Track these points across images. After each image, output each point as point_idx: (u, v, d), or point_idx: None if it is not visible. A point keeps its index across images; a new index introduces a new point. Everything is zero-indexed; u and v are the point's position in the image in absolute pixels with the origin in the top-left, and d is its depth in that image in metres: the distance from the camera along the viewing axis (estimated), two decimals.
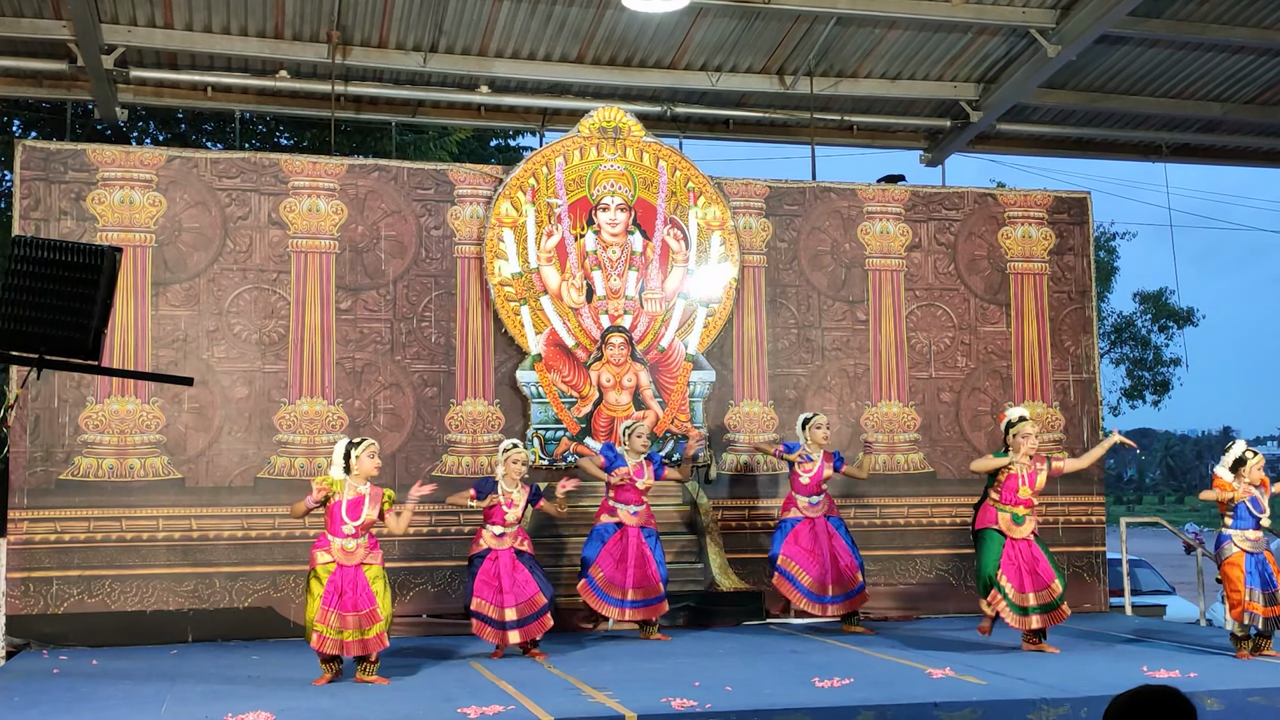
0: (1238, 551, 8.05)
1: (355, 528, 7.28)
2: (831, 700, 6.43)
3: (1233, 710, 6.60)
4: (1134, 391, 29.83)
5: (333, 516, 7.30)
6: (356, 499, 7.33)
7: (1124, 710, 2.98)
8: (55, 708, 6.63)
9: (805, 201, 10.96)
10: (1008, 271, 11.26)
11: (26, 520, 9.17)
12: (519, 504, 8.32)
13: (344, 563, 7.24)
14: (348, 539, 7.27)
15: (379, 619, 7.23)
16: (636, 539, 8.97)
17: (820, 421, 9.51)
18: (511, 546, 8.28)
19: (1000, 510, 8.33)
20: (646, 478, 9.10)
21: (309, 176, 9.99)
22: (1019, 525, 8.30)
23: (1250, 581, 7.95)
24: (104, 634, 9.05)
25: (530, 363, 10.13)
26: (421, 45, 10.82)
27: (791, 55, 11.23)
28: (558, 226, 10.31)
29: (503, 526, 8.27)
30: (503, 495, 8.28)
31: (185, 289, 9.66)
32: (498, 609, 8.14)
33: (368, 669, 7.26)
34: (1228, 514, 8.15)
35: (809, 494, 9.44)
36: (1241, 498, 8.10)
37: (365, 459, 7.39)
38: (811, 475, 9.42)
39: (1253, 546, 8.06)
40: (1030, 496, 8.33)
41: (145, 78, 11.01)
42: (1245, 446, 8.31)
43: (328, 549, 7.27)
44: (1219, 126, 13.01)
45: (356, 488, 7.36)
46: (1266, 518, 8.15)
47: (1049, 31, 10.61)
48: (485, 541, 8.28)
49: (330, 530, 7.30)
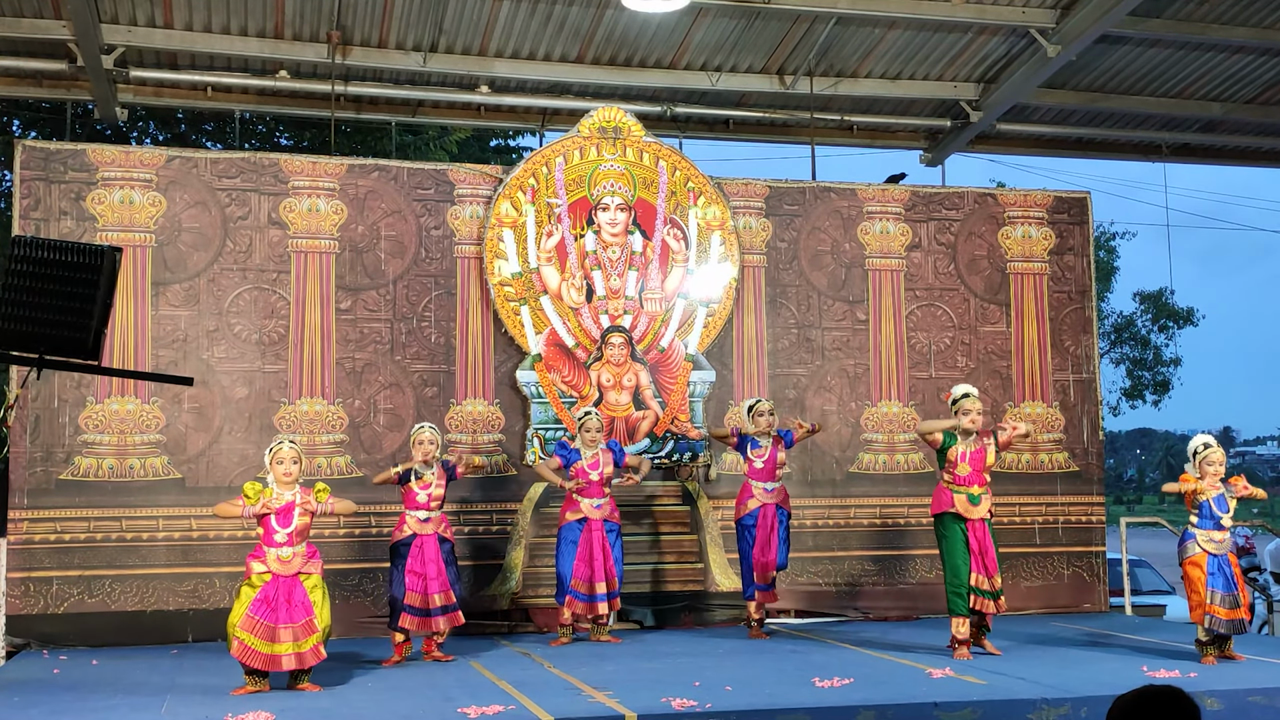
0: (1200, 552, 7.87)
1: (288, 534, 7.04)
2: (831, 700, 6.43)
3: (1233, 710, 6.60)
4: (1134, 391, 29.84)
5: (265, 526, 7.08)
6: (286, 506, 7.10)
7: (1128, 710, 2.98)
8: (55, 708, 6.63)
9: (805, 201, 10.96)
10: (1008, 271, 11.26)
11: (26, 520, 9.17)
12: (433, 484, 8.13)
13: (280, 573, 6.99)
14: (283, 548, 7.03)
15: (315, 630, 7.00)
16: (600, 534, 8.80)
17: (762, 408, 9.23)
18: (435, 533, 8.11)
19: (955, 491, 8.19)
20: (603, 466, 8.87)
21: (309, 176, 9.99)
22: (975, 505, 8.15)
23: (1212, 583, 7.78)
24: (104, 634, 9.06)
25: (530, 363, 10.13)
26: (421, 45, 10.82)
27: (791, 55, 11.23)
28: (558, 226, 10.31)
29: (426, 511, 8.10)
30: (415, 479, 8.11)
31: (185, 289, 9.66)
32: (423, 596, 8.01)
33: (300, 677, 7.03)
34: (1193, 511, 7.95)
35: (763, 480, 9.19)
36: (1206, 494, 7.90)
37: (275, 466, 7.16)
38: (765, 460, 9.19)
39: (1216, 547, 7.87)
40: (978, 474, 8.17)
41: (145, 78, 11.01)
42: (1203, 440, 8.11)
43: (263, 559, 7.03)
44: (1219, 126, 13.01)
45: (283, 495, 7.13)
46: (1229, 518, 7.94)
47: (1049, 31, 10.61)
48: (409, 527, 8.12)
49: (265, 541, 7.06)
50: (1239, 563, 8.13)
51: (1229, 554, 7.96)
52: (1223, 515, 7.91)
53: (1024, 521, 10.89)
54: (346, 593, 9.53)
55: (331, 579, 9.50)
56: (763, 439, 9.22)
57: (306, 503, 7.17)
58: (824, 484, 10.62)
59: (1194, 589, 7.88)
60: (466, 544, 9.88)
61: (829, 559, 10.55)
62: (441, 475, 8.26)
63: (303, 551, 7.11)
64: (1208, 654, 7.87)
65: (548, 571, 9.89)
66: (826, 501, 10.62)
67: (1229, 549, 7.98)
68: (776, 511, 9.17)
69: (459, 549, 9.74)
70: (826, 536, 10.58)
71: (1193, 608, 7.92)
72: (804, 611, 10.37)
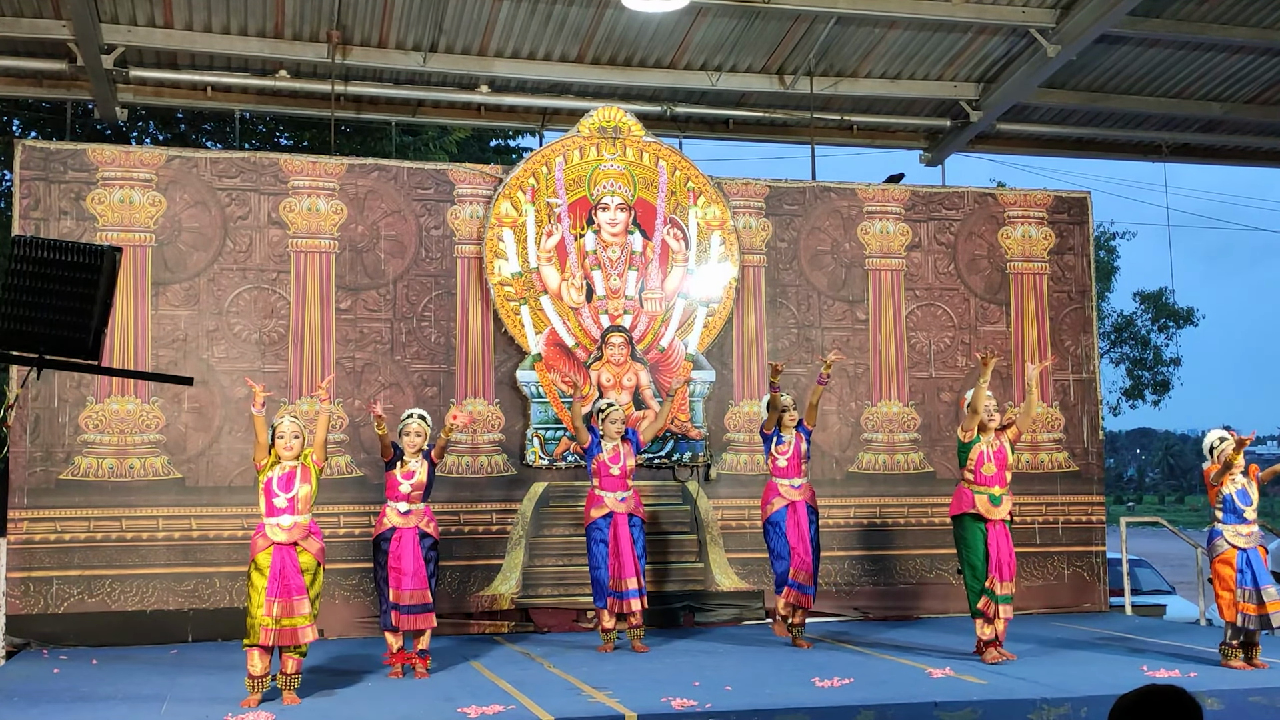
0: (1230, 548, 7.75)
1: (289, 500, 7.00)
2: (831, 700, 6.44)
3: (1233, 710, 6.61)
4: (1134, 391, 29.84)
5: (267, 494, 7.04)
6: (287, 474, 7.09)
7: (1130, 709, 2.98)
8: (55, 708, 6.63)
9: (805, 201, 10.96)
10: (1008, 271, 11.26)
11: (26, 520, 9.17)
12: (416, 471, 7.94)
13: (281, 541, 6.95)
14: (283, 515, 6.99)
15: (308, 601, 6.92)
16: (625, 529, 8.62)
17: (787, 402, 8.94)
18: (416, 526, 7.86)
19: (977, 492, 8.09)
20: (624, 458, 8.73)
21: (309, 176, 9.99)
22: (996, 506, 8.05)
23: (1242, 580, 7.64)
24: (104, 634, 9.06)
25: (530, 362, 10.13)
26: (421, 45, 10.81)
27: (791, 55, 11.23)
28: (557, 226, 10.31)
29: (407, 503, 7.87)
30: (400, 467, 7.92)
31: (185, 289, 9.66)
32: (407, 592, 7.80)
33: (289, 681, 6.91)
34: (1218, 507, 7.85)
35: (788, 476, 8.97)
36: (1228, 488, 7.82)
37: (276, 440, 7.12)
38: (789, 456, 8.97)
39: (1245, 541, 7.74)
40: (1002, 474, 8.08)
41: (145, 77, 11.01)
42: (1218, 434, 8.02)
43: (264, 533, 7.00)
44: (1219, 126, 13.01)
45: (285, 465, 7.11)
46: (1252, 510, 7.81)
47: (1049, 31, 10.61)
48: (389, 520, 7.88)
49: (267, 513, 7.02)
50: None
51: (1259, 547, 7.80)
52: (1246, 508, 7.79)
53: (1024, 521, 10.88)
54: (347, 593, 9.54)
55: (332, 579, 9.53)
56: (786, 434, 8.97)
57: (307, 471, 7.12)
58: (824, 484, 10.61)
59: (1226, 586, 7.70)
60: (466, 544, 9.88)
61: (829, 559, 10.52)
62: (425, 466, 8.02)
63: (304, 524, 7.02)
64: (1234, 657, 7.65)
65: (548, 571, 9.91)
66: (826, 501, 10.56)
67: (1258, 541, 7.83)
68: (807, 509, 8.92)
69: (459, 549, 9.76)
70: (826, 536, 10.52)
71: (1224, 606, 7.72)
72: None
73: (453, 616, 9.63)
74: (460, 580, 9.82)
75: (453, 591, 9.75)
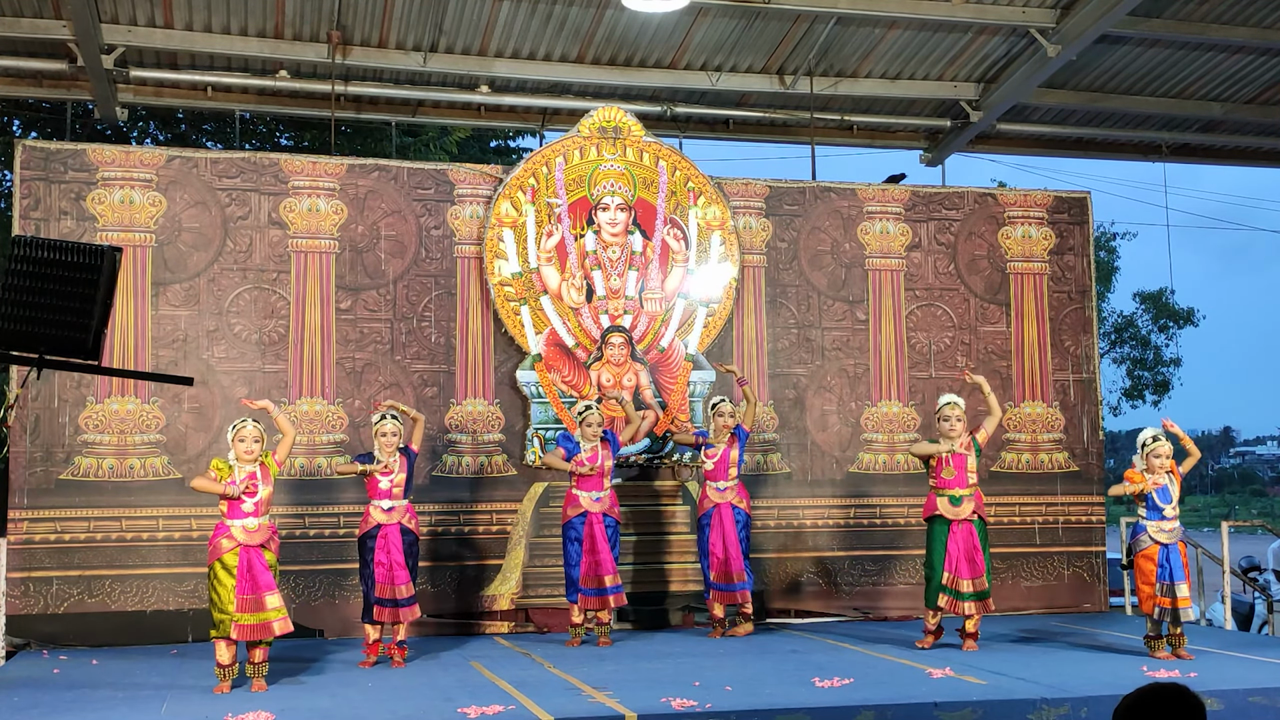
0: (1152, 544, 8.03)
1: (255, 504, 7.23)
2: (831, 700, 6.43)
3: (1233, 710, 6.60)
4: (1134, 391, 29.81)
5: (230, 500, 7.22)
6: (248, 477, 7.27)
7: (1134, 708, 2.99)
8: (55, 708, 6.63)
9: (805, 201, 10.96)
10: (1008, 271, 11.26)
11: (26, 520, 9.17)
12: (395, 470, 8.08)
13: (246, 543, 7.17)
14: (249, 518, 7.21)
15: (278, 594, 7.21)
16: (600, 528, 8.77)
17: (724, 409, 9.23)
18: (399, 522, 8.04)
19: (938, 495, 8.50)
20: (603, 459, 8.85)
21: (309, 176, 9.99)
22: (956, 507, 8.46)
23: (1161, 575, 7.95)
24: (104, 634, 9.06)
25: (530, 362, 10.13)
26: (421, 45, 10.82)
27: (791, 55, 11.23)
28: (557, 226, 10.31)
29: (390, 500, 8.04)
30: (375, 463, 8.05)
31: (185, 289, 9.66)
32: (391, 586, 7.96)
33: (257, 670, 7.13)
34: (1140, 505, 8.10)
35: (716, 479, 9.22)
36: (1150, 488, 8.03)
37: (237, 444, 7.31)
38: (716, 461, 9.22)
39: (1166, 537, 8.02)
40: (962, 477, 8.47)
41: (145, 77, 11.02)
42: (1151, 433, 8.21)
43: (229, 534, 7.19)
44: (1219, 126, 13.01)
45: (245, 468, 7.29)
46: (1172, 507, 8.06)
47: (1049, 31, 10.61)
48: (374, 518, 8.06)
49: (230, 515, 7.21)
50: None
51: (1179, 543, 8.08)
52: (1165, 506, 8.05)
53: (1024, 521, 10.90)
54: (347, 593, 9.53)
55: (331, 579, 9.55)
56: (719, 439, 9.24)
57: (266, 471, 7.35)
58: (824, 484, 10.62)
59: (1146, 580, 8.04)
60: (466, 544, 9.89)
61: (828, 559, 10.55)
62: (404, 463, 8.15)
63: (266, 524, 7.30)
64: (1158, 648, 8.02)
65: (548, 571, 9.89)
66: (826, 501, 10.62)
67: (1178, 538, 8.12)
68: (733, 511, 9.18)
69: (459, 549, 9.78)
70: (826, 536, 10.59)
71: (1143, 599, 8.09)
72: (804, 611, 10.37)
73: (453, 616, 9.63)
74: (460, 580, 9.82)
75: (453, 591, 9.75)
